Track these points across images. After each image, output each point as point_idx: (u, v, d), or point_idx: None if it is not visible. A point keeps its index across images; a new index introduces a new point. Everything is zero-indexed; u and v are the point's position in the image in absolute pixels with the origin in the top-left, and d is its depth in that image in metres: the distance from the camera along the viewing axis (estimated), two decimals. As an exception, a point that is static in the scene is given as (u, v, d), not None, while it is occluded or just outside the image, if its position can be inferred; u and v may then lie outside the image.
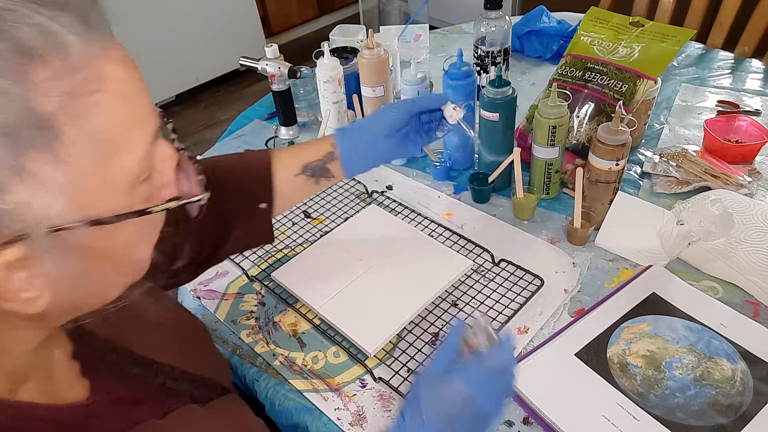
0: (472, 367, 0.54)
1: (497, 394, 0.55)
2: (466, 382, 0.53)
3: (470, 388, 0.53)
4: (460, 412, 0.53)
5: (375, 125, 0.70)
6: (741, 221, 0.82)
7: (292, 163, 0.71)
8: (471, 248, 0.87)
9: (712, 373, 0.66)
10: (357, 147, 0.71)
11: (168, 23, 2.72)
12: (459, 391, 0.53)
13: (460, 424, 0.53)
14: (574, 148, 0.95)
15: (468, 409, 0.53)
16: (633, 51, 0.94)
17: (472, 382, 0.53)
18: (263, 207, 0.70)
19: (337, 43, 1.22)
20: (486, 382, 0.54)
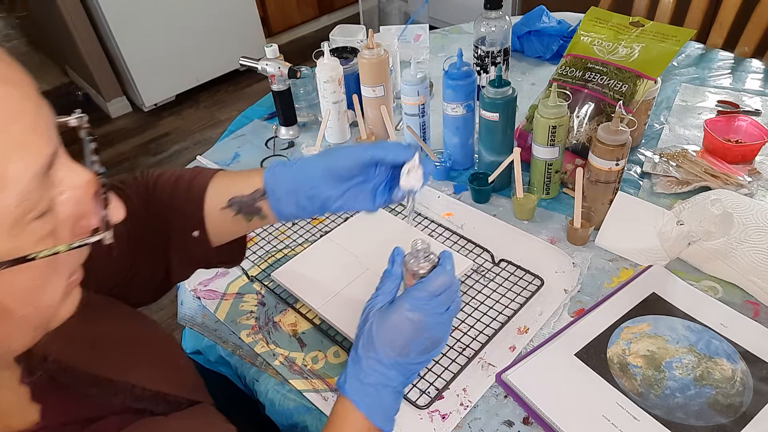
0: (416, 292, 0.57)
1: (444, 314, 0.58)
2: (412, 307, 0.57)
3: (417, 312, 0.56)
4: (412, 337, 0.56)
5: (312, 167, 0.60)
6: (741, 221, 0.82)
7: (221, 194, 0.62)
8: (471, 248, 0.87)
9: (712, 373, 0.66)
10: (288, 189, 0.60)
11: (168, 23, 2.72)
12: (407, 318, 0.56)
13: (414, 347, 0.57)
14: (574, 148, 0.95)
15: (419, 333, 0.56)
16: (633, 51, 0.94)
17: (419, 307, 0.57)
18: (196, 235, 0.63)
19: (337, 43, 1.22)
20: (431, 304, 0.57)
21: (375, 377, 0.56)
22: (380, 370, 0.56)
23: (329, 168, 0.59)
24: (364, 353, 0.57)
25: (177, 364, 0.60)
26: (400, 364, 0.56)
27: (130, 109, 2.97)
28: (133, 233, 0.60)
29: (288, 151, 1.14)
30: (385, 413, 0.57)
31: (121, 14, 2.55)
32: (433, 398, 0.67)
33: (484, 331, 0.74)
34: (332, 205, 0.61)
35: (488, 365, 0.71)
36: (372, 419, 0.55)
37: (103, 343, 0.52)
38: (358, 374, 0.56)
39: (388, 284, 0.60)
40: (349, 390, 0.56)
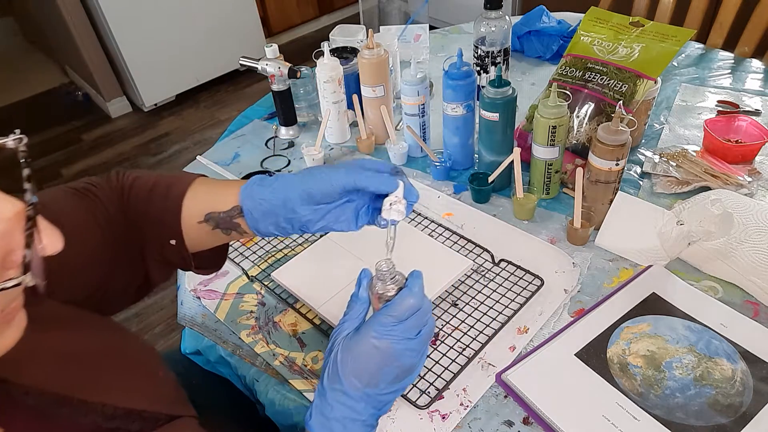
0: (382, 318, 0.53)
1: (413, 339, 0.54)
2: (378, 334, 0.52)
3: (384, 339, 0.52)
4: (380, 366, 0.52)
5: (290, 190, 0.58)
6: (741, 221, 0.82)
7: (198, 206, 0.61)
8: (471, 248, 0.87)
9: (712, 373, 0.66)
10: (265, 210, 0.59)
11: (168, 23, 2.72)
12: (373, 346, 0.52)
13: (384, 377, 0.53)
14: (574, 148, 0.95)
15: (387, 362, 0.52)
16: (633, 51, 0.94)
17: (385, 334, 0.52)
18: (173, 244, 0.62)
19: (337, 43, 1.22)
20: (398, 329, 0.53)
21: (341, 411, 0.53)
22: (347, 403, 0.53)
23: (308, 192, 0.57)
24: (329, 385, 0.53)
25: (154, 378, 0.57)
26: (368, 395, 0.53)
27: (130, 109, 2.97)
28: (109, 241, 0.58)
29: (288, 151, 1.14)
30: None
31: (121, 14, 2.56)
32: (433, 398, 0.67)
33: (484, 331, 0.74)
34: (312, 227, 0.59)
35: (488, 365, 0.71)
36: None
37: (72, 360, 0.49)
38: (323, 409, 0.53)
39: (355, 309, 0.56)
40: (315, 425, 0.53)
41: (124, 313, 1.86)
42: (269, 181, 0.60)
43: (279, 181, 0.59)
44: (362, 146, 1.10)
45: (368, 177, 0.57)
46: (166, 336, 1.80)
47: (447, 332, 0.75)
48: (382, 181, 0.57)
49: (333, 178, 0.56)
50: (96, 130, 2.86)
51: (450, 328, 0.75)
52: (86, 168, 2.61)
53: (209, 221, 0.60)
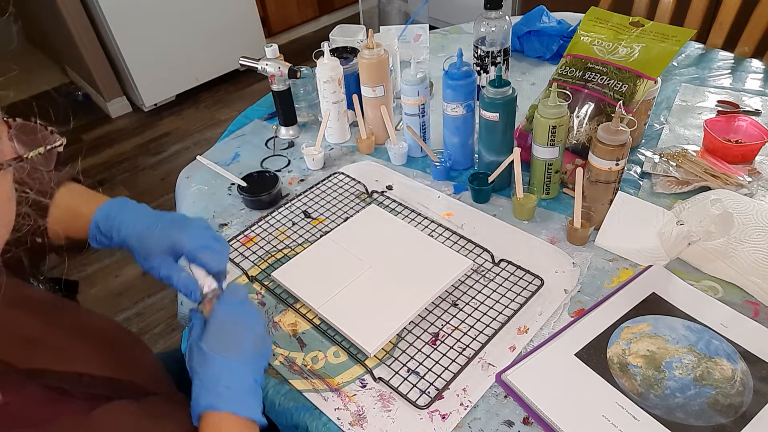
0: (226, 300, 0.62)
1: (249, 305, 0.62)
2: (228, 309, 0.61)
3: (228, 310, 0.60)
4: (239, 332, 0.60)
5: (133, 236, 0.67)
6: (741, 221, 0.82)
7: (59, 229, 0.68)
8: (471, 248, 0.87)
9: (712, 373, 0.66)
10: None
11: (168, 23, 2.71)
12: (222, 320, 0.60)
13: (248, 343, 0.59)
14: (574, 148, 0.95)
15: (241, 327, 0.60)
16: (633, 51, 0.94)
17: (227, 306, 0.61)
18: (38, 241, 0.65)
19: (337, 43, 1.22)
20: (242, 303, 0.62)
21: (226, 378, 0.56)
22: (227, 371, 0.57)
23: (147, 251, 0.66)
24: (202, 369, 0.57)
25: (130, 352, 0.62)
26: (241, 360, 0.58)
27: (130, 109, 2.96)
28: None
29: (288, 151, 1.14)
30: (249, 407, 0.57)
31: (121, 14, 2.55)
32: (433, 398, 0.67)
33: (484, 331, 0.74)
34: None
35: (488, 365, 0.71)
36: (242, 413, 0.56)
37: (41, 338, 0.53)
38: (208, 387, 0.56)
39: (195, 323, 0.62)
40: (204, 401, 0.56)
41: (125, 312, 1.86)
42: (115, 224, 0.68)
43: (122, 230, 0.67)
44: (362, 146, 1.10)
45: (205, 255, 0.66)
46: (166, 336, 1.80)
47: (447, 332, 0.75)
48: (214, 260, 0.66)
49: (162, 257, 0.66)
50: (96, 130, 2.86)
51: (450, 328, 0.75)
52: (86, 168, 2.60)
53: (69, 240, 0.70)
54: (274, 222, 0.96)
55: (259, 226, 0.95)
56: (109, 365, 0.56)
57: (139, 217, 0.68)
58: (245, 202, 1.00)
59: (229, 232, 0.95)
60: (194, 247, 0.65)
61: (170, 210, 0.82)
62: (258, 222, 0.96)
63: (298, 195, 1.01)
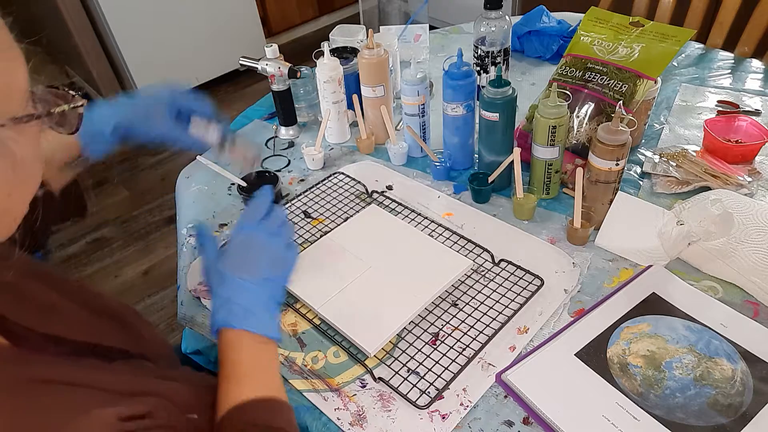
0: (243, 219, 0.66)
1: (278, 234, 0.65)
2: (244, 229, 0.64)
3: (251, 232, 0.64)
4: (258, 255, 0.62)
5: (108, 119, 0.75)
6: (741, 221, 0.82)
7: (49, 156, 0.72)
8: (471, 248, 0.87)
9: (712, 373, 0.66)
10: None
11: (168, 23, 2.71)
12: (243, 241, 0.63)
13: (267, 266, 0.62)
14: (574, 148, 0.95)
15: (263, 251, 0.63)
16: (633, 51, 0.94)
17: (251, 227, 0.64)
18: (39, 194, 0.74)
19: (337, 43, 1.22)
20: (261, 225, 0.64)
21: (240, 299, 0.59)
22: (240, 291, 0.59)
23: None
24: (219, 288, 0.60)
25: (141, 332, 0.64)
26: (256, 281, 0.61)
27: (130, 109, 2.96)
28: None
29: (288, 151, 1.14)
30: (265, 325, 0.59)
31: (121, 14, 2.55)
32: (433, 398, 0.67)
33: (484, 331, 0.74)
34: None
35: (488, 365, 0.71)
36: (257, 330, 0.58)
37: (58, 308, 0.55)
38: (222, 305, 0.59)
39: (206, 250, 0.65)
40: (219, 319, 0.58)
41: (124, 313, 1.86)
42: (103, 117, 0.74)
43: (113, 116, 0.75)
44: (362, 146, 1.10)
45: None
46: (166, 336, 1.80)
47: (447, 332, 0.75)
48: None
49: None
50: (96, 130, 2.86)
51: (450, 328, 0.75)
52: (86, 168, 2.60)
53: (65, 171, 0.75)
54: (274, 222, 0.96)
55: (259, 226, 0.95)
56: (121, 339, 0.57)
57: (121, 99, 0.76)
58: (245, 202, 1.00)
59: (229, 232, 0.95)
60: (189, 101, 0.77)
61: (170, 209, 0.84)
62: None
63: (298, 195, 1.01)
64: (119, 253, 2.09)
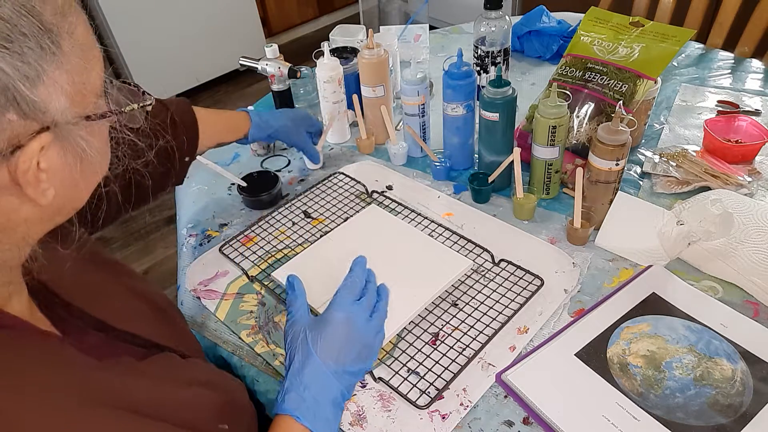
0: (338, 298, 0.64)
1: (370, 318, 0.64)
2: (340, 309, 0.63)
3: (345, 314, 0.62)
4: (345, 341, 0.61)
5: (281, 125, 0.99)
6: (741, 221, 0.82)
7: (212, 139, 0.91)
8: (471, 248, 0.87)
9: (712, 373, 0.66)
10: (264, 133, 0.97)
11: (168, 23, 2.71)
12: (338, 320, 0.61)
13: (348, 353, 0.61)
14: (574, 148, 0.95)
15: (351, 336, 0.61)
16: (633, 51, 0.94)
17: (345, 309, 0.63)
18: (187, 160, 0.87)
19: (337, 43, 1.22)
20: (355, 306, 0.63)
21: (315, 389, 0.58)
22: (319, 380, 0.58)
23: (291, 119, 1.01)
24: (301, 366, 0.59)
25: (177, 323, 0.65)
26: (337, 372, 0.59)
27: (130, 109, 2.96)
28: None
29: (288, 150, 1.14)
30: (327, 425, 0.58)
31: (121, 14, 2.55)
32: (433, 398, 0.67)
33: (484, 331, 0.74)
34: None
35: (488, 365, 0.71)
36: (315, 430, 0.56)
37: (107, 293, 0.57)
38: (297, 388, 0.58)
39: (297, 304, 0.66)
40: (289, 405, 0.57)
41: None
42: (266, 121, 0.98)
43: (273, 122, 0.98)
44: (362, 146, 1.10)
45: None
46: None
47: (447, 332, 0.75)
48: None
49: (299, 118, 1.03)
50: (96, 130, 2.86)
51: (450, 328, 0.75)
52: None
53: (218, 145, 0.94)
54: (274, 222, 0.96)
55: (259, 226, 0.95)
56: (158, 331, 0.58)
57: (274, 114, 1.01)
58: (245, 202, 1.00)
59: (229, 232, 0.95)
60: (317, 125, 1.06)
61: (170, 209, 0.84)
62: (258, 222, 0.96)
63: (298, 195, 1.01)
64: (119, 253, 2.09)
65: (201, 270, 0.89)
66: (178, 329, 0.64)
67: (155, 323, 0.60)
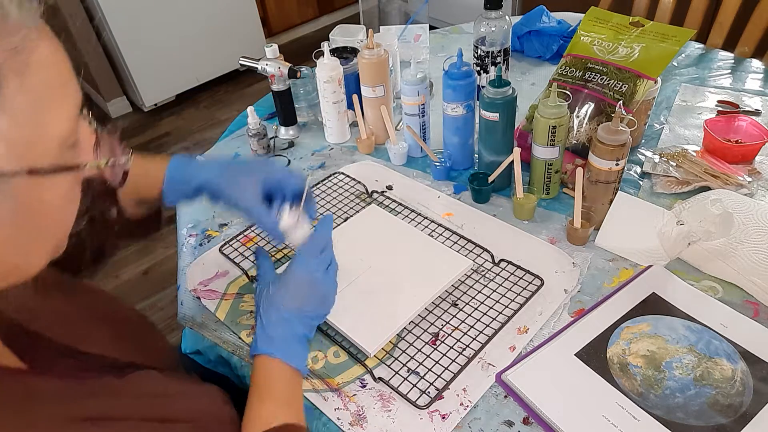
0: (303, 256, 0.68)
1: (326, 271, 0.68)
2: (302, 266, 0.67)
3: (303, 266, 0.67)
4: (307, 291, 0.66)
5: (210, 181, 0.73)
6: (741, 221, 0.82)
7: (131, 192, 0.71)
8: (471, 248, 0.87)
9: (712, 373, 0.66)
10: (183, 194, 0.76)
11: (168, 23, 2.71)
12: (300, 276, 0.66)
13: (309, 301, 0.66)
14: (574, 148, 0.95)
15: (312, 290, 0.66)
16: (633, 51, 0.94)
17: (306, 266, 0.67)
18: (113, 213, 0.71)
19: (337, 43, 1.22)
20: (315, 262, 0.67)
21: (280, 329, 0.64)
22: (283, 323, 0.64)
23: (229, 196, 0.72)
24: (265, 314, 0.65)
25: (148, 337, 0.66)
26: (299, 316, 0.65)
27: (130, 109, 2.97)
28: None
29: (288, 151, 1.14)
30: (297, 356, 0.64)
31: (121, 14, 2.55)
32: (433, 398, 0.67)
33: (484, 331, 0.74)
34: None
35: (488, 365, 0.71)
36: (290, 361, 0.62)
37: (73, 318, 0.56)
38: (265, 331, 0.64)
39: (263, 267, 0.73)
40: (261, 346, 0.63)
41: (124, 313, 1.86)
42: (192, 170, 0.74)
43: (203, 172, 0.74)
44: (362, 146, 1.10)
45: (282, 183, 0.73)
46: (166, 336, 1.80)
47: (447, 332, 0.75)
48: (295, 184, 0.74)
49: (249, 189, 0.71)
50: (96, 130, 2.86)
51: (450, 328, 0.75)
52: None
53: (142, 204, 0.74)
54: (274, 222, 0.96)
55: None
56: (130, 351, 0.58)
57: (216, 160, 0.76)
58: (245, 202, 1.00)
59: (229, 232, 0.95)
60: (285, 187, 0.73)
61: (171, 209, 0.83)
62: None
63: (298, 195, 1.01)
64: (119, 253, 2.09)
65: (201, 270, 0.89)
66: (150, 345, 0.64)
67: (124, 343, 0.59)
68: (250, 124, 1.09)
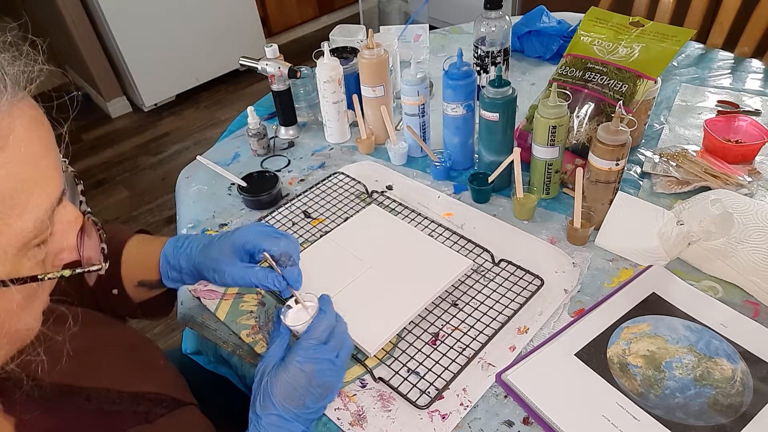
0: (304, 343, 0.60)
1: (335, 360, 0.61)
2: (302, 359, 0.59)
3: (308, 363, 0.59)
4: (307, 388, 0.59)
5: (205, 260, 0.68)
6: (741, 221, 0.82)
7: (132, 273, 0.70)
8: (471, 248, 0.87)
9: (712, 373, 0.66)
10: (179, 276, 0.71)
11: (168, 23, 2.72)
12: (300, 370, 0.59)
13: (310, 398, 0.59)
14: (574, 148, 0.95)
15: (312, 383, 0.59)
16: (633, 51, 0.94)
17: (308, 357, 0.59)
18: (115, 293, 0.70)
19: (337, 43, 1.22)
20: (320, 351, 0.60)
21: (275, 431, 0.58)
22: (281, 425, 0.58)
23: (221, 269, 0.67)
24: (263, 412, 0.58)
25: (155, 365, 0.62)
26: (299, 416, 0.59)
27: (130, 109, 2.97)
28: None
29: (288, 151, 1.14)
30: None
31: (121, 14, 2.55)
32: (433, 398, 0.67)
33: (484, 331, 0.74)
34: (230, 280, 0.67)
35: (488, 365, 0.71)
36: None
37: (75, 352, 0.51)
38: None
39: (277, 342, 0.63)
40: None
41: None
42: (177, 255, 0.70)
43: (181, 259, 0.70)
44: (362, 146, 1.10)
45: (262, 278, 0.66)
46: (166, 336, 1.80)
47: (447, 332, 0.75)
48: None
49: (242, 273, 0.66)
50: (96, 130, 2.86)
51: (450, 328, 0.75)
52: (86, 168, 2.61)
53: (142, 285, 0.71)
54: (274, 222, 0.96)
55: (259, 226, 0.95)
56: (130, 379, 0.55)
57: (202, 236, 0.71)
58: (245, 202, 1.00)
59: (229, 232, 0.95)
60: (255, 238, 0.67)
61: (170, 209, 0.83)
62: (258, 222, 0.95)
63: (298, 195, 1.01)
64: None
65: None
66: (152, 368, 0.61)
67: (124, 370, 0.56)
68: (250, 124, 1.09)
